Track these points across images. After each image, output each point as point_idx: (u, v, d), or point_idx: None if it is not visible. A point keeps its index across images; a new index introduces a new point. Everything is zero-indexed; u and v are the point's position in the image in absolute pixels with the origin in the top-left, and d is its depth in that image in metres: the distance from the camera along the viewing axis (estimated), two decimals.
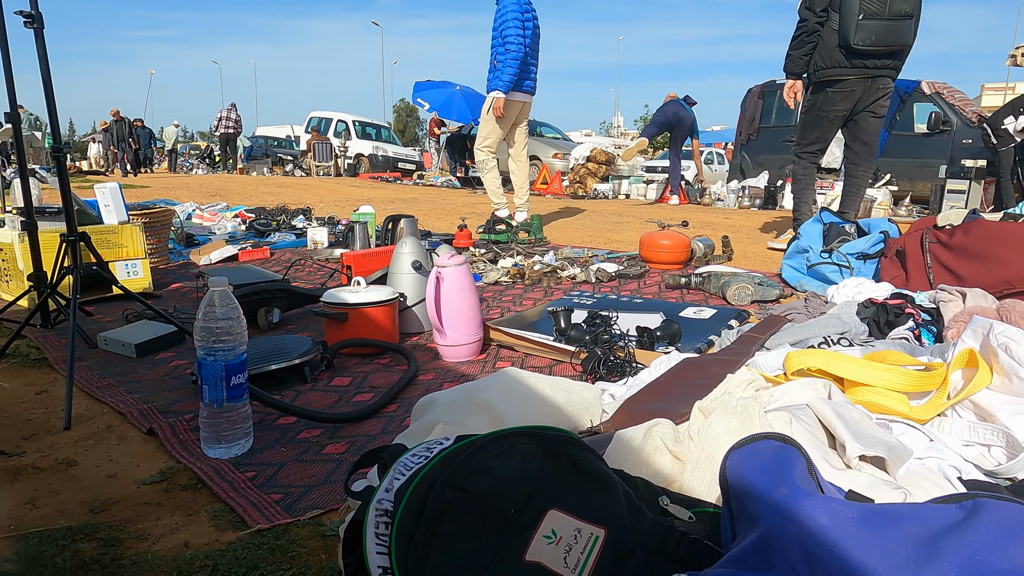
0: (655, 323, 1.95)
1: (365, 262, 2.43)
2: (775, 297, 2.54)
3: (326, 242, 3.74)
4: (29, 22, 1.73)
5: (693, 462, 0.89)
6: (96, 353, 1.92)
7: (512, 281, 2.96)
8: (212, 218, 4.97)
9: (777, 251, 3.87)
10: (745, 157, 10.14)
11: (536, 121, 14.41)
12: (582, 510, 0.75)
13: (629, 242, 4.32)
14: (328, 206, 6.58)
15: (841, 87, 3.42)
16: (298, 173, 15.53)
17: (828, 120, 3.55)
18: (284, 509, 1.08)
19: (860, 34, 3.23)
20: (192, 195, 7.80)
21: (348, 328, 1.87)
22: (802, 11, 3.39)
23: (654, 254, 3.28)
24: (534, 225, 4.23)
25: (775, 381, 1.25)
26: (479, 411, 1.14)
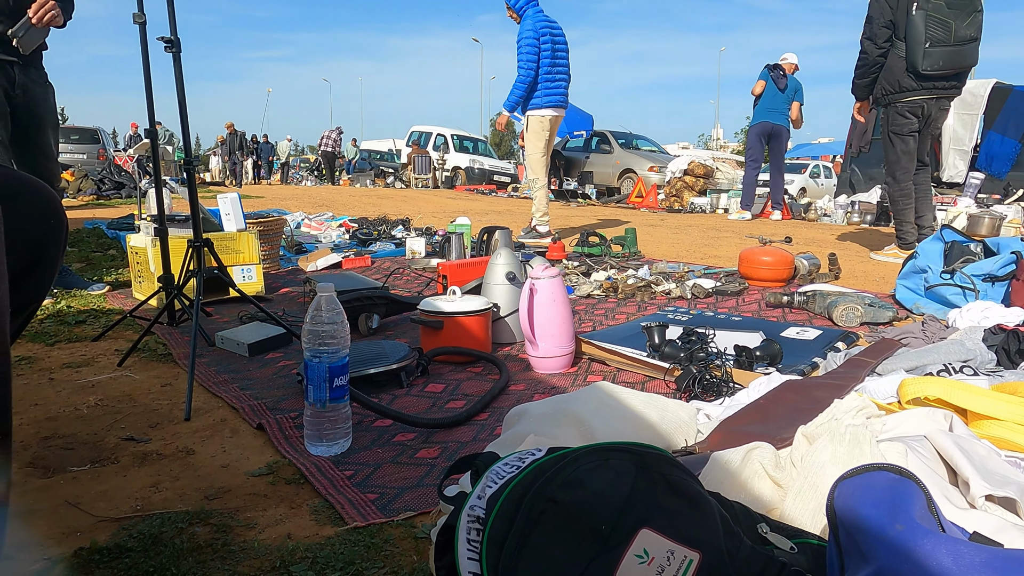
0: (754, 342, 1.87)
1: (460, 272, 2.49)
2: (888, 320, 2.38)
3: (423, 252, 3.85)
4: (169, 47, 1.90)
5: (796, 490, 0.85)
6: (214, 351, 2.07)
7: (605, 295, 2.94)
8: (319, 227, 5.24)
9: (889, 264, 3.62)
10: (856, 170, 9.59)
11: (632, 134, 14.27)
12: (676, 531, 0.73)
13: (727, 258, 4.19)
14: (426, 217, 6.78)
15: (910, 106, 3.64)
16: (398, 185, 16.12)
17: (908, 138, 3.72)
18: (379, 509, 1.12)
19: (927, 61, 3.40)
20: (301, 205, 8.26)
21: (443, 336, 1.91)
22: (864, 42, 3.59)
23: (754, 271, 3.16)
24: (628, 239, 4.18)
25: (888, 409, 1.17)
26: (570, 424, 1.13)
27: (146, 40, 1.96)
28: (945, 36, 3.39)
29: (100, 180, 10.42)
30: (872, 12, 3.56)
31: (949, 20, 3.39)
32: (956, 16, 3.38)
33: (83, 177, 10.69)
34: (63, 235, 0.94)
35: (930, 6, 3.38)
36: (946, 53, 3.40)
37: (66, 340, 2.19)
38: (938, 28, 3.39)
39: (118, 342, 2.16)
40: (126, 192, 10.08)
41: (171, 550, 1.00)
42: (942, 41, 3.39)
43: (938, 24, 3.39)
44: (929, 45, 3.40)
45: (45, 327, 2.32)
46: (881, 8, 3.52)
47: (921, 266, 2.75)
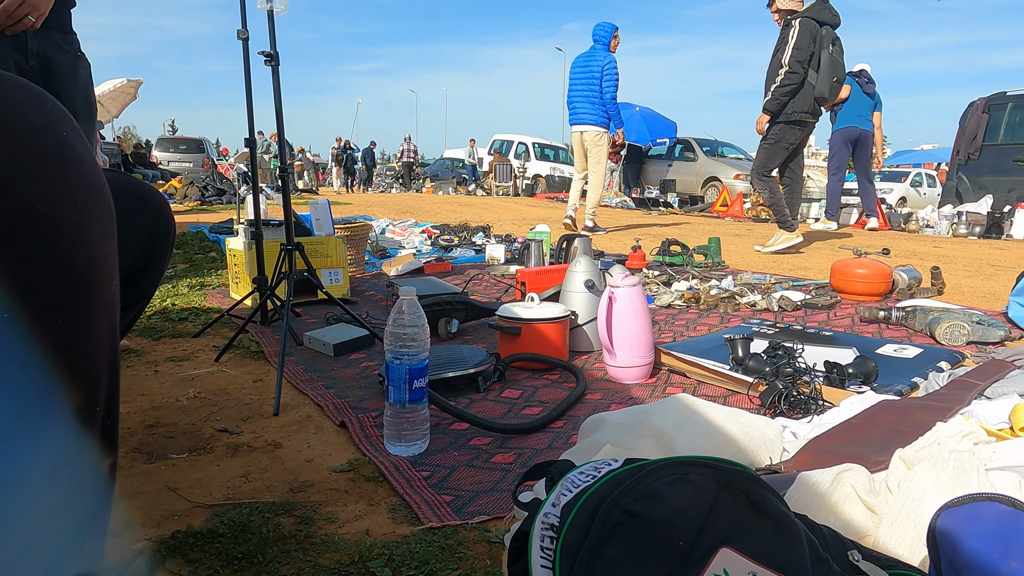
0: (847, 359, 1.78)
1: (539, 279, 2.49)
2: (999, 339, 2.20)
3: (503, 258, 3.88)
4: (269, 60, 2.01)
5: (892, 517, 0.80)
6: (302, 350, 2.16)
7: (686, 305, 2.87)
8: (402, 233, 5.39)
9: (998, 279, 3.35)
10: (963, 179, 8.95)
11: (718, 141, 13.92)
12: (759, 553, 0.70)
13: (818, 269, 3.99)
14: (506, 224, 6.84)
15: (803, 127, 4.54)
16: (480, 193, 16.36)
17: (786, 151, 4.59)
18: (454, 511, 1.13)
19: (832, 92, 4.40)
20: (386, 212, 8.52)
21: (520, 342, 1.92)
22: (795, 65, 4.34)
23: (848, 284, 3.00)
24: (712, 248, 4.06)
25: (999, 436, 1.08)
26: (649, 436, 1.11)
27: (248, 55, 2.08)
28: (841, 75, 4.48)
29: (204, 187, 11.12)
30: (800, 43, 4.33)
31: (841, 62, 4.47)
32: (842, 59, 4.51)
33: (189, 184, 11.45)
34: (172, 235, 1.01)
35: (833, 49, 4.40)
36: (838, 88, 4.48)
37: (170, 336, 2.34)
38: (839, 68, 4.43)
39: (216, 339, 2.30)
40: (226, 198, 10.72)
41: (258, 538, 1.04)
42: (839, 79, 4.44)
43: (838, 65, 4.43)
44: (835, 80, 4.39)
45: (152, 323, 2.49)
46: (808, 42, 4.34)
47: None
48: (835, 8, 4.48)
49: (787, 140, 4.51)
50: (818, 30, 4.36)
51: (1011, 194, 8.00)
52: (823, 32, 4.37)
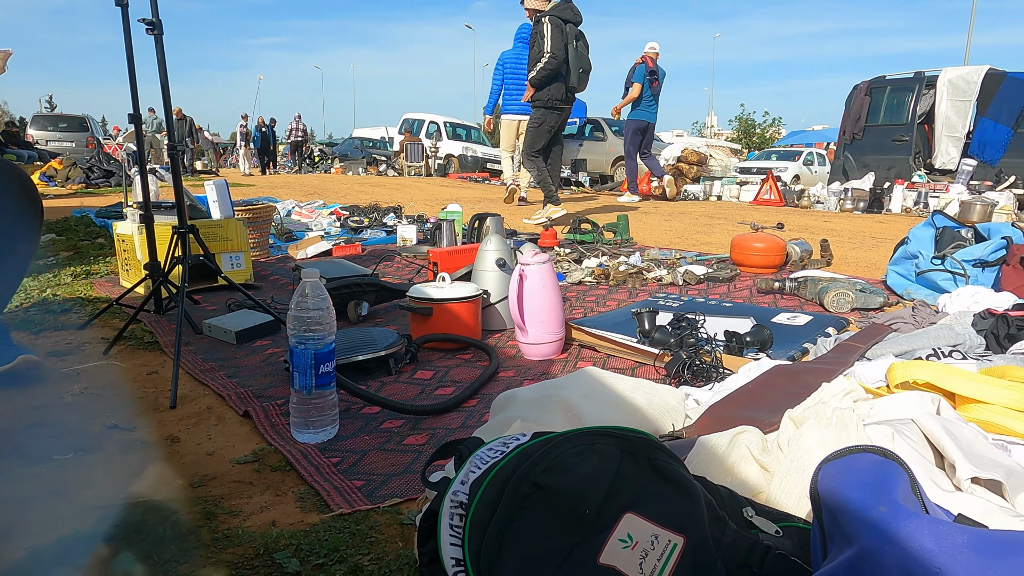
0: (745, 328, 1.87)
1: (451, 259, 2.47)
2: (879, 305, 2.38)
3: (415, 239, 3.83)
4: (150, 29, 1.87)
5: (782, 473, 0.84)
6: (201, 339, 2.05)
7: (596, 281, 2.93)
8: (310, 215, 5.21)
9: (879, 250, 3.63)
10: (849, 157, 9.60)
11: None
12: (660, 516, 0.72)
13: (719, 244, 4.18)
14: (418, 205, 6.74)
15: (560, 112, 5.17)
16: (391, 173, 16.04)
17: (548, 133, 5.20)
18: (365, 495, 1.11)
19: (579, 82, 5.07)
20: (292, 193, 8.21)
21: (432, 323, 1.90)
22: (557, 52, 4.86)
23: (746, 257, 3.15)
24: (621, 226, 4.17)
25: (876, 393, 1.17)
26: (558, 409, 1.12)
27: (128, 23, 1.93)
28: (586, 67, 5.10)
29: (89, 168, 10.31)
30: (555, 38, 4.86)
31: (586, 56, 5.08)
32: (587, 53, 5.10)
33: (72, 165, 10.57)
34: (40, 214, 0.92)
35: (578, 44, 4.99)
36: (585, 78, 5.11)
37: (52, 328, 2.17)
38: (584, 61, 5.06)
39: (104, 330, 2.14)
40: (115, 180, 9.98)
41: (153, 538, 0.99)
42: (585, 70, 5.07)
43: (583, 58, 5.05)
44: (581, 71, 5.02)
45: (30, 315, 2.30)
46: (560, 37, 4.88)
47: (912, 252, 2.75)
48: (577, 7, 5.10)
49: (548, 124, 5.13)
50: (564, 27, 4.90)
51: (890, 171, 8.65)
52: (568, 29, 4.93)
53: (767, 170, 10.31)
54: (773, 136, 28.64)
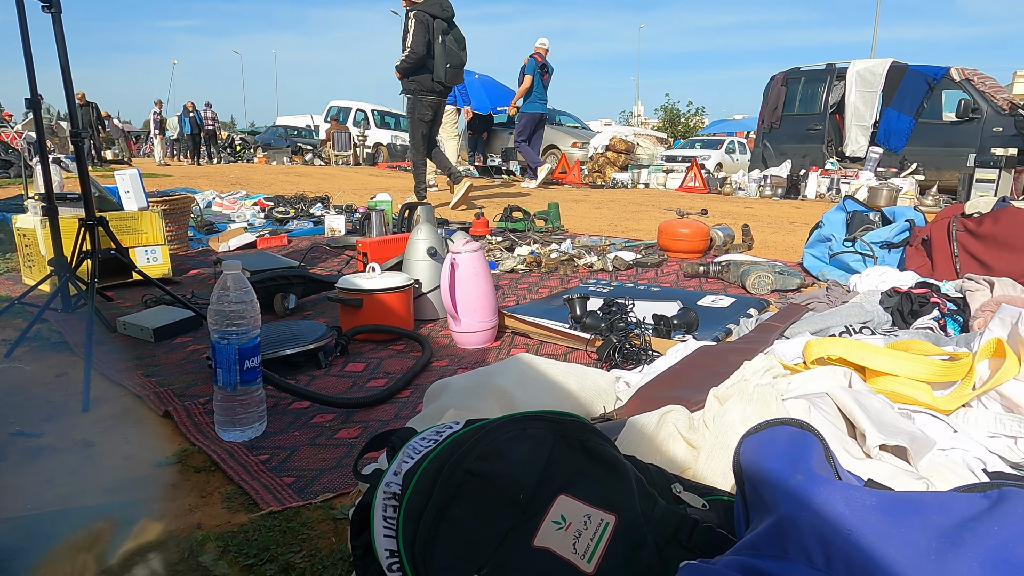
0: (672, 311, 1.92)
1: (381, 249, 2.43)
2: (796, 286, 2.50)
3: (343, 230, 3.75)
4: (47, 7, 1.74)
5: (707, 449, 0.87)
6: (116, 337, 1.94)
7: (528, 269, 2.95)
8: (232, 206, 5.01)
9: (797, 234, 3.80)
10: (767, 146, 9.99)
11: (555, 110, 14.31)
12: (593, 496, 0.73)
13: (647, 231, 4.28)
14: (346, 194, 6.60)
15: (432, 103, 5.34)
16: (317, 162, 15.61)
17: (426, 123, 5.40)
18: (296, 492, 1.09)
19: (447, 76, 5.21)
20: (212, 184, 7.87)
21: (363, 314, 1.87)
22: (417, 48, 5.02)
23: (672, 242, 3.24)
24: (551, 214, 4.20)
25: (794, 369, 1.23)
26: (491, 396, 1.13)
27: (23, 3, 1.79)
28: (455, 61, 5.21)
29: None
30: (417, 34, 5.01)
31: (456, 51, 5.21)
32: (459, 46, 5.24)
33: None
34: None
35: (447, 39, 5.13)
36: (453, 72, 5.22)
37: None
38: (452, 56, 5.18)
39: (5, 331, 2.00)
40: (15, 171, 9.30)
41: (67, 548, 0.93)
42: (453, 65, 5.19)
43: (452, 53, 5.18)
44: (449, 66, 5.16)
45: None
46: (423, 32, 5.03)
47: (826, 235, 2.90)
48: (448, 2, 5.31)
49: (421, 114, 5.33)
50: (431, 22, 5.09)
51: (806, 159, 9.06)
52: (436, 24, 5.12)
53: (692, 158, 10.61)
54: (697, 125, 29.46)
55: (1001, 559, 0.43)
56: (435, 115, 5.46)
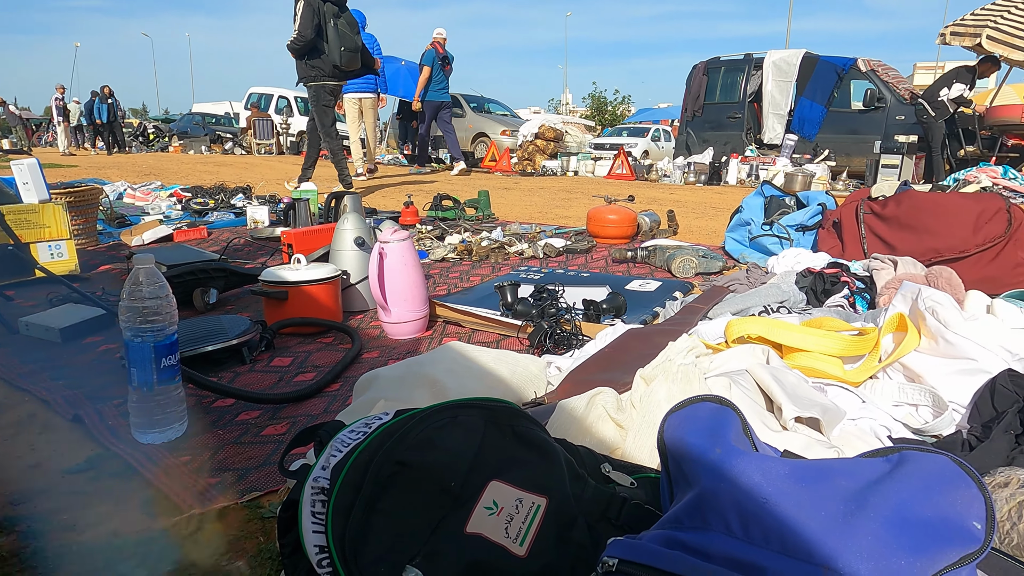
0: (601, 296, 1.96)
1: (306, 240, 2.36)
2: (718, 269, 2.59)
3: (267, 221, 3.62)
4: None
5: (635, 429, 0.90)
6: (18, 339, 1.81)
7: (459, 258, 2.93)
8: (145, 197, 4.76)
9: (717, 219, 3.94)
10: (691, 133, 10.28)
11: (484, 98, 14.27)
12: (524, 480, 0.74)
13: (577, 217, 4.33)
14: (269, 184, 6.38)
15: (333, 89, 5.29)
16: (238, 151, 15.02)
17: (331, 109, 5.36)
18: (220, 492, 1.05)
19: (342, 59, 5.09)
20: (124, 174, 7.44)
21: (288, 307, 1.81)
22: (304, 31, 4.91)
23: (601, 229, 3.30)
24: (482, 202, 4.19)
25: (716, 348, 1.27)
26: (422, 386, 1.12)
27: None
28: (351, 45, 5.12)
29: None
30: (304, 17, 4.91)
31: (349, 34, 5.11)
32: (352, 31, 5.14)
33: None
34: None
35: (339, 22, 5.03)
36: (350, 56, 5.13)
37: None
38: (347, 39, 5.10)
39: None
40: None
41: None
42: (348, 48, 5.10)
43: (346, 37, 5.09)
44: (343, 49, 5.08)
45: None
46: (310, 16, 4.93)
47: (745, 219, 3.01)
48: None
49: (323, 99, 5.27)
50: (320, 6, 5.02)
51: (727, 146, 9.38)
52: (326, 8, 5.05)
53: (619, 146, 10.81)
54: (624, 113, 30.01)
55: (900, 518, 0.46)
56: (337, 100, 5.48)
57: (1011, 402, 1.07)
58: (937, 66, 26.32)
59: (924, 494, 0.47)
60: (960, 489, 0.48)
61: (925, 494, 0.47)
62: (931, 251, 2.24)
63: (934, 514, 0.46)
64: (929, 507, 0.47)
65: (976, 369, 1.19)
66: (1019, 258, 2.16)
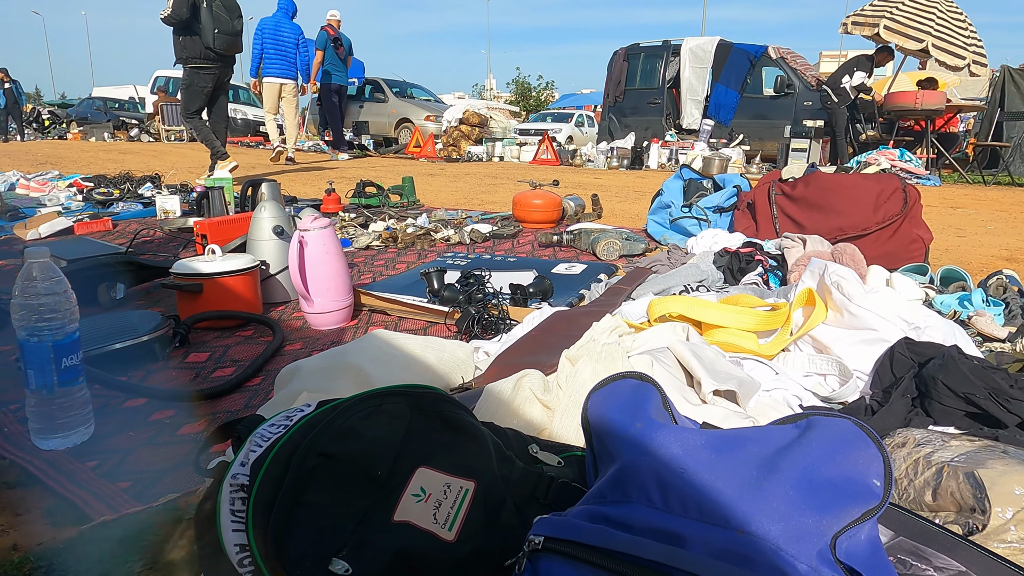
0: (528, 280, 1.97)
1: (221, 230, 2.26)
2: (641, 251, 2.65)
3: (178, 211, 3.45)
4: None
5: (562, 409, 0.91)
6: None
7: (384, 245, 2.88)
8: (41, 188, 4.43)
9: (640, 202, 4.03)
10: (613, 119, 10.45)
11: (407, 83, 14.03)
12: (451, 465, 0.74)
13: (503, 203, 4.34)
14: (181, 173, 6.07)
15: (207, 71, 5.07)
16: (145, 138, 14.21)
17: (203, 92, 5.12)
18: (134, 497, 0.99)
19: (216, 42, 4.92)
20: (16, 163, 6.90)
21: (204, 300, 1.73)
22: (177, 10, 4.76)
23: (527, 214, 3.31)
24: (406, 188, 4.13)
25: (639, 328, 1.30)
26: (347, 376, 1.09)
27: None
28: (227, 28, 4.98)
29: None
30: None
31: (226, 17, 4.96)
32: (231, 15, 5.00)
33: None
34: None
35: (215, 4, 4.89)
36: (226, 40, 4.99)
37: None
38: (222, 22, 4.95)
39: None
40: None
41: None
42: (225, 32, 4.97)
43: (221, 19, 4.95)
44: (217, 31, 4.92)
45: None
46: None
47: (666, 202, 3.10)
48: None
49: (198, 84, 5.08)
50: None
51: (648, 131, 9.61)
52: None
53: (544, 132, 10.88)
54: (548, 99, 30.18)
55: (808, 479, 0.48)
56: (216, 86, 5.21)
57: (907, 368, 1.15)
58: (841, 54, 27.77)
59: (829, 456, 0.50)
60: (861, 450, 0.51)
61: (830, 456, 0.50)
62: (836, 229, 2.36)
63: (838, 474, 0.49)
64: (834, 468, 0.49)
65: (877, 338, 1.26)
66: (914, 235, 2.31)
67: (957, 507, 0.76)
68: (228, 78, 5.31)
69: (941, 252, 2.88)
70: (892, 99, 7.55)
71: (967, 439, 0.88)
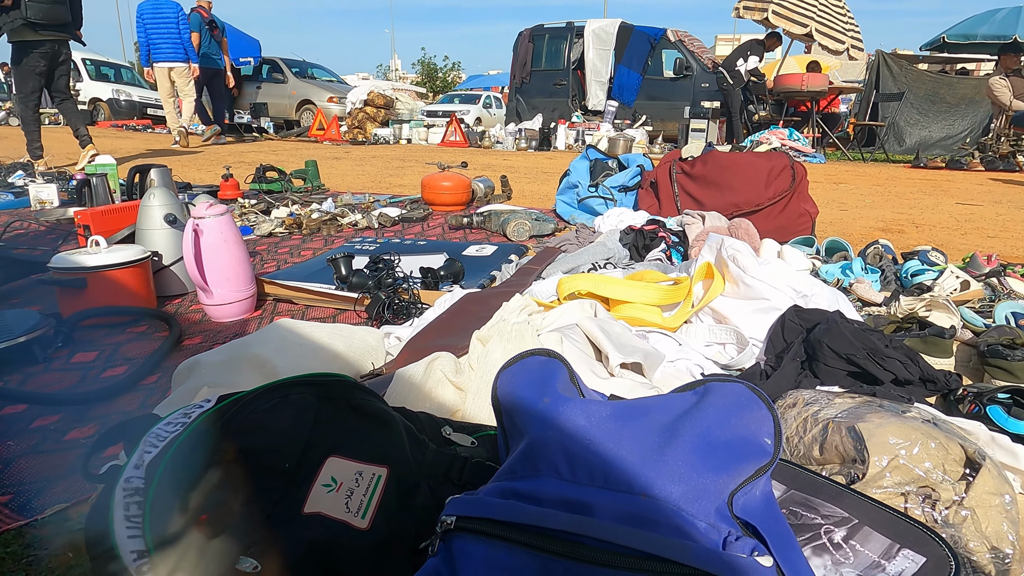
0: (439, 263, 1.95)
1: (106, 220, 2.10)
2: (551, 231, 2.69)
3: (56, 201, 3.18)
4: None
5: (474, 390, 0.91)
6: None
7: (289, 232, 2.78)
8: None
9: (550, 183, 4.08)
10: (520, 100, 10.49)
11: (307, 63, 13.51)
12: (362, 452, 0.72)
13: (411, 186, 4.28)
14: (58, 159, 5.60)
15: (44, 53, 4.63)
16: (14, 122, 12.97)
17: (36, 74, 4.69)
18: (16, 511, 0.92)
19: (30, 12, 4.40)
20: None
21: (89, 296, 1.61)
22: None
23: (436, 196, 3.28)
24: (310, 172, 3.99)
25: (548, 306, 1.32)
26: (251, 368, 1.05)
27: None
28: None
29: None
30: None
31: None
32: None
33: None
34: None
35: None
36: (45, 9, 4.47)
37: None
38: None
39: None
40: None
41: None
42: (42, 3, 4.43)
43: None
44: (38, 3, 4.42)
45: None
46: None
47: (573, 182, 3.15)
48: None
49: (28, 64, 4.66)
50: None
51: (555, 113, 9.71)
52: None
53: (451, 113, 10.78)
54: (455, 80, 29.89)
55: (705, 442, 0.51)
56: (50, 64, 4.77)
57: (797, 334, 1.23)
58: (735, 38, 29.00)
59: (724, 419, 0.53)
60: (753, 411, 0.55)
61: (725, 419, 0.53)
62: (732, 205, 2.48)
63: (733, 435, 0.52)
64: (729, 430, 0.52)
65: (770, 307, 1.34)
66: (802, 209, 2.46)
67: (841, 459, 0.82)
68: (65, 55, 4.85)
69: (826, 225, 3.09)
70: (781, 81, 7.98)
71: (849, 396, 0.95)
